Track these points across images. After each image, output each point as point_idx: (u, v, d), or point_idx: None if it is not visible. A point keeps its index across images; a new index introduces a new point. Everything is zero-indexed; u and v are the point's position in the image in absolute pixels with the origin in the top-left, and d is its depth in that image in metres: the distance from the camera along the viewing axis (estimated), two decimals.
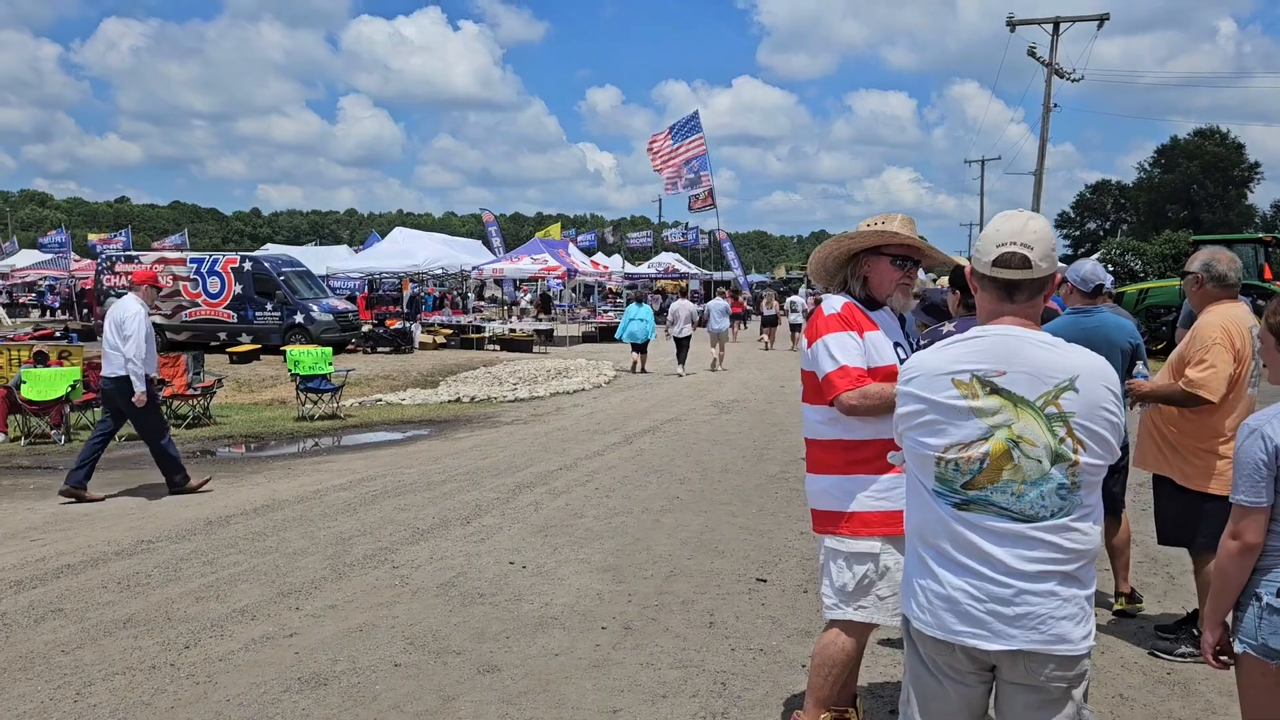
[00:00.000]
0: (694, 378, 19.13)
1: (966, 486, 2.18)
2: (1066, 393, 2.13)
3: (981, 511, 2.17)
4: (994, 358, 2.18)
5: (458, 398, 15.79)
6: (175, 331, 23.87)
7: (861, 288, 3.31)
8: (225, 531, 6.96)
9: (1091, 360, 2.19)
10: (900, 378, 2.34)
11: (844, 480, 3.20)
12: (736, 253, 47.83)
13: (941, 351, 2.26)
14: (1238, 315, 4.36)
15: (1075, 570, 2.15)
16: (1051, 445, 2.12)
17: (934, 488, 2.24)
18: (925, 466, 2.25)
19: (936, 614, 2.21)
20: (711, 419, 13.07)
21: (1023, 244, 2.21)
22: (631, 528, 7.06)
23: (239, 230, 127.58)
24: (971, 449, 2.16)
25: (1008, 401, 2.15)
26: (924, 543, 2.27)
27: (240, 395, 16.90)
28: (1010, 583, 2.13)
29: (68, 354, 12.85)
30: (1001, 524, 2.15)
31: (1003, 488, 2.15)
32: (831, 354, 3.13)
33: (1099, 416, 2.14)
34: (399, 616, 5.13)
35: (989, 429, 2.15)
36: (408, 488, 8.53)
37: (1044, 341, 2.20)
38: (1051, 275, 2.24)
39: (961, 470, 2.17)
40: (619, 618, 5.11)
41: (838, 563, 3.22)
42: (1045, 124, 29.49)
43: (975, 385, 2.18)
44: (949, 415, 2.19)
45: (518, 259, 29.90)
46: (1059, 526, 2.13)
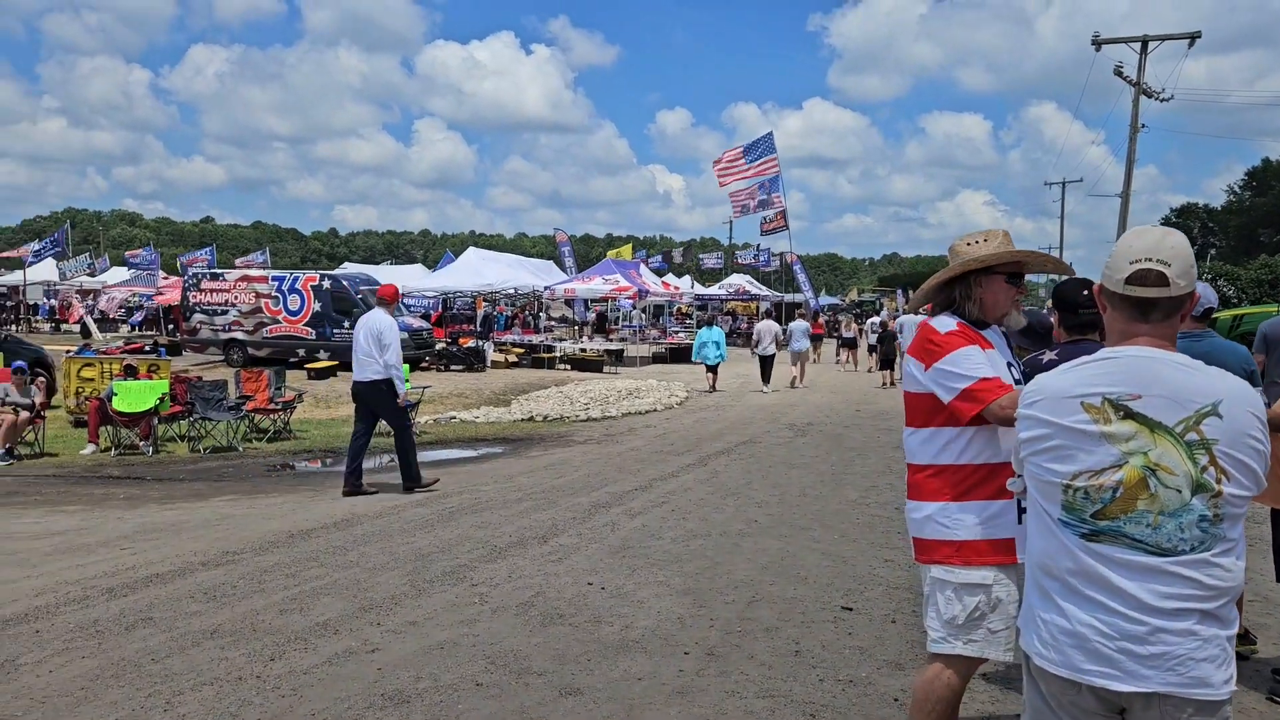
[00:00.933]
0: (767, 400, 18.95)
1: (1097, 516, 2.05)
2: (1209, 418, 1.99)
3: (1113, 543, 2.03)
4: (1128, 380, 2.06)
5: (530, 416, 15.85)
6: (256, 347, 24.44)
7: (974, 306, 3.17)
8: (307, 545, 7.03)
9: (1235, 384, 2.05)
10: (1022, 400, 2.22)
11: (952, 507, 3.06)
12: (808, 275, 47.46)
13: (1069, 373, 2.14)
14: None
15: (1217, 609, 2.00)
16: (1192, 474, 1.98)
17: (1060, 517, 2.11)
18: (1051, 494, 2.13)
19: (1062, 651, 2.08)
20: (787, 442, 12.89)
21: (1159, 260, 2.08)
22: (710, 551, 6.95)
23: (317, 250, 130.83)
24: (1103, 477, 2.03)
25: (1143, 427, 2.02)
26: (1048, 574, 2.14)
27: (318, 410, 17.20)
28: (1145, 620, 1.99)
29: (156, 368, 13.22)
30: (1135, 557, 2.02)
31: (1137, 518, 2.01)
32: (966, 369, 2.99)
33: (1244, 444, 2.00)
34: (479, 635, 5.09)
35: (1122, 456, 2.02)
36: (484, 505, 8.54)
37: (1182, 363, 2.06)
38: (1189, 294, 2.10)
39: (1091, 499, 2.05)
40: (701, 643, 5.01)
41: (946, 594, 3.07)
42: (1132, 145, 28.71)
43: (1107, 409, 2.05)
44: (1078, 441, 2.06)
45: (589, 279, 30.07)
46: (1199, 561, 1.99)
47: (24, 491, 9.38)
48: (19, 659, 4.68)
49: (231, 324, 24.72)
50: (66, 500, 8.88)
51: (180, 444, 12.27)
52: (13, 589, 5.90)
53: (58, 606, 5.51)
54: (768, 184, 38.98)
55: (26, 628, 5.14)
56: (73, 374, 13.68)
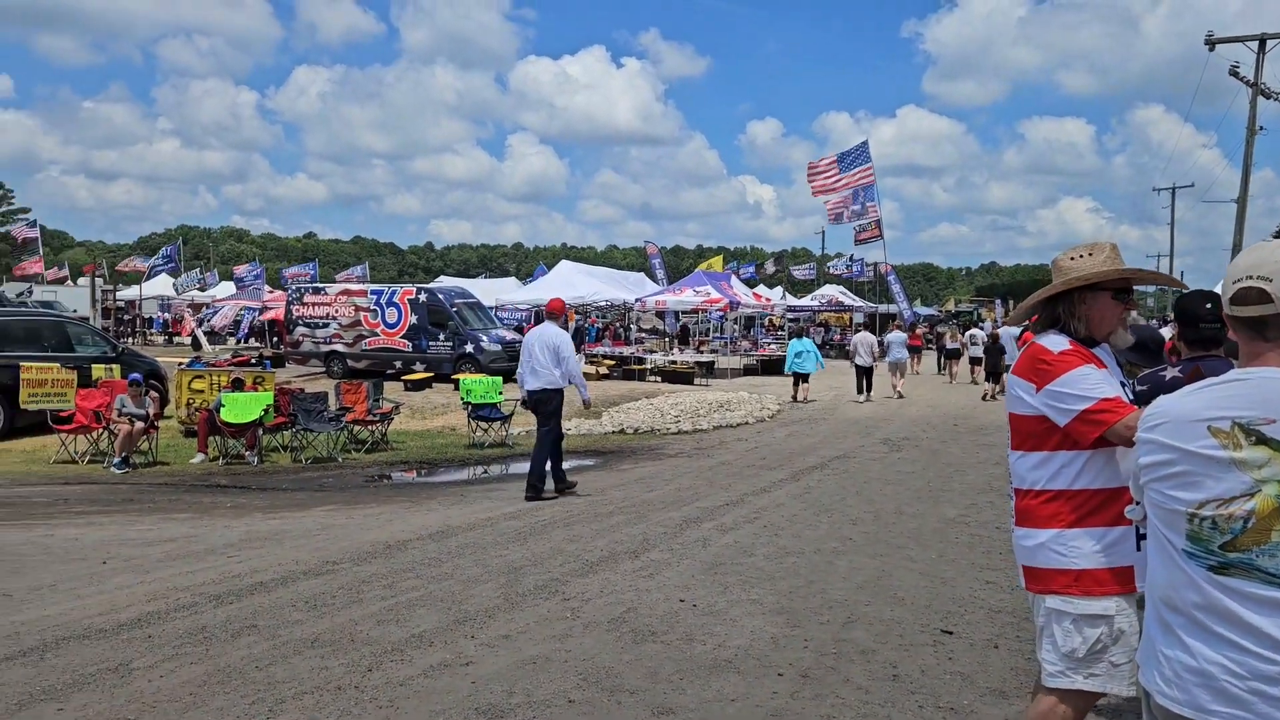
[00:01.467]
0: (861, 413, 18.64)
1: (1226, 548, 1.91)
2: None
3: (1244, 577, 1.89)
4: (1261, 404, 1.91)
5: (621, 429, 15.90)
6: (355, 359, 25.11)
7: (1080, 324, 3.04)
8: (403, 556, 7.15)
9: None
10: (1143, 423, 2.10)
11: (1069, 534, 2.91)
12: (902, 285, 46.60)
13: (1195, 395, 2.01)
14: None
15: None
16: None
17: (1185, 547, 1.98)
18: (1174, 523, 2.00)
19: (1187, 689, 1.95)
20: (881, 457, 12.63)
21: (1260, 277, 1.96)
22: (804, 569, 6.83)
23: (413, 263, 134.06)
24: (1233, 506, 1.90)
25: (1278, 453, 1.89)
26: (1171, 608, 2.01)
27: (414, 422, 17.56)
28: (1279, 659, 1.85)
29: (261, 380, 13.68)
30: (1269, 592, 1.87)
31: (1272, 550, 1.87)
32: (1083, 389, 2.83)
33: None
34: (571, 650, 5.09)
35: (1254, 484, 1.89)
36: (575, 518, 8.57)
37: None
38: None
39: (1220, 529, 1.91)
40: (796, 664, 4.91)
41: (1064, 625, 2.92)
42: (1249, 148, 27.40)
43: (1238, 434, 1.91)
44: (1205, 467, 1.93)
45: (680, 291, 30.06)
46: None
47: (139, 499, 9.80)
48: (133, 663, 4.86)
49: (332, 336, 25.46)
50: (177, 508, 9.24)
51: (283, 454, 12.67)
52: (128, 594, 6.15)
53: (169, 612, 5.71)
54: (862, 193, 38.49)
55: (140, 632, 5.34)
56: (184, 386, 14.27)
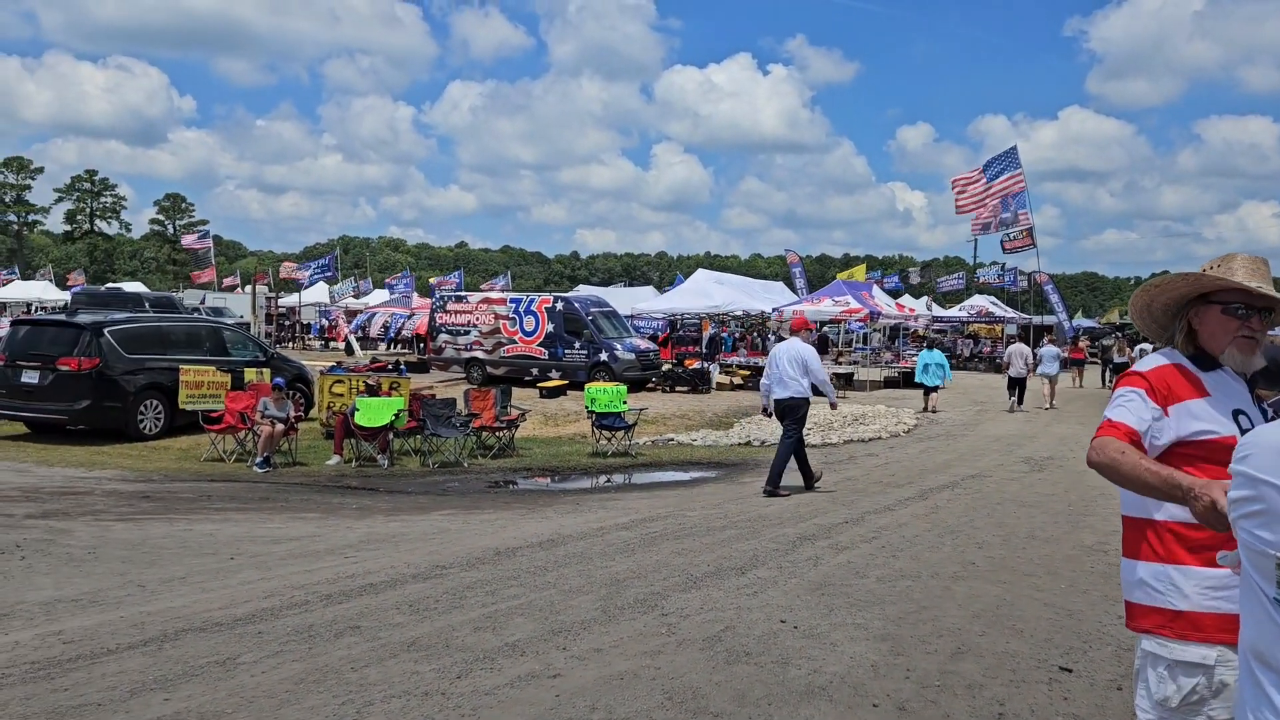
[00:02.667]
0: (1004, 430, 17.83)
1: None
2: None
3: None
4: None
5: (748, 440, 15.68)
6: (494, 366, 25.73)
7: (1188, 342, 2.76)
8: (510, 563, 7.22)
9: None
10: (1236, 454, 1.85)
11: (1170, 570, 2.63)
12: (1060, 295, 44.41)
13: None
14: None
15: None
16: None
17: (1275, 595, 1.73)
18: (1264, 568, 1.74)
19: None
20: (1020, 477, 12.00)
21: None
22: (918, 594, 6.51)
23: (559, 272, 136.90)
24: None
25: None
26: (1262, 663, 1.75)
27: (545, 429, 17.83)
28: None
29: (397, 385, 14.15)
30: None
31: None
32: (1109, 407, 2.68)
33: None
34: (661, 668, 4.99)
35: None
36: (687, 531, 8.47)
37: None
38: None
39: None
40: (893, 696, 4.66)
41: (1158, 670, 2.64)
42: None
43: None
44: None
45: (818, 301, 29.51)
46: None
47: (273, 498, 10.27)
48: (240, 657, 5.05)
49: (472, 343, 26.17)
50: (307, 508, 9.63)
51: (413, 458, 13.06)
52: (249, 590, 6.42)
53: (281, 609, 5.92)
54: (1012, 200, 36.93)
55: (252, 628, 5.55)
56: (325, 390, 14.93)
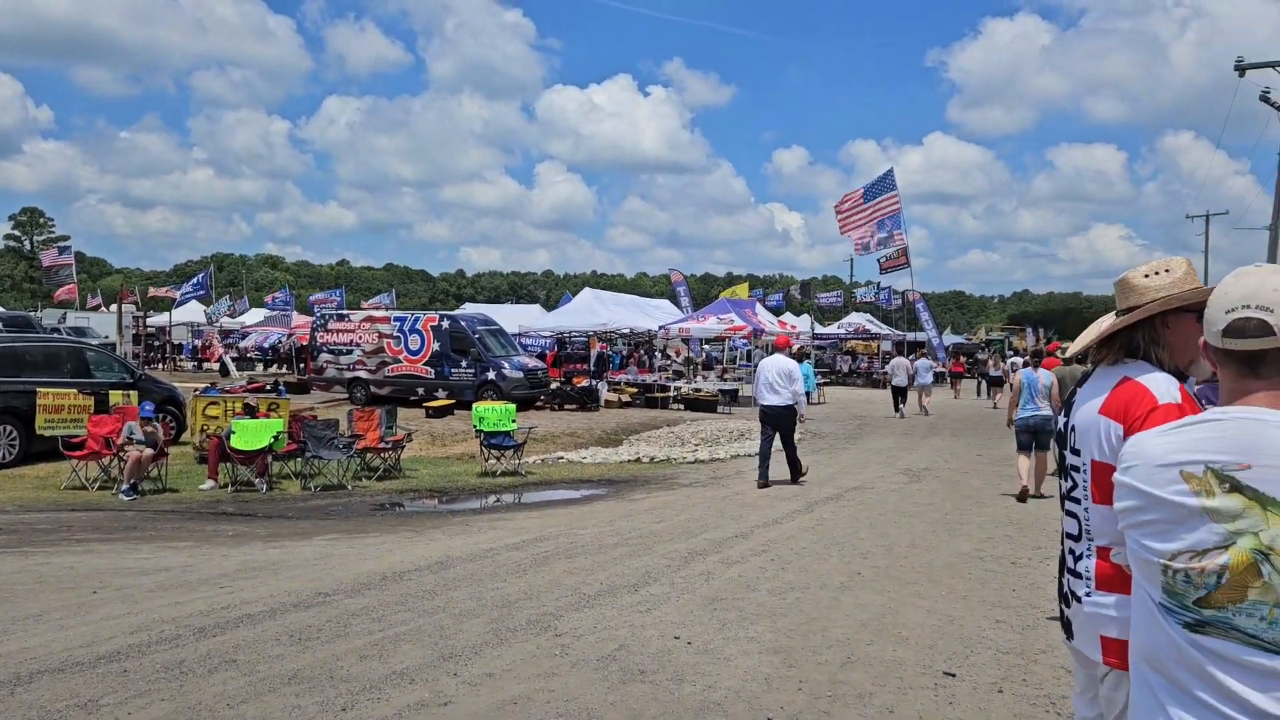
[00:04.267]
0: (884, 443, 18.34)
1: (1201, 604, 1.70)
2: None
3: (1221, 636, 1.68)
4: (1235, 447, 1.72)
5: (638, 457, 15.71)
6: (379, 386, 25.13)
7: (1167, 354, 2.69)
8: (398, 587, 7.01)
9: None
10: (1119, 464, 1.90)
11: None
12: (931, 313, 46.11)
13: (1167, 436, 1.82)
14: None
15: None
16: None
17: (1161, 601, 1.77)
18: (1150, 574, 1.79)
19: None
20: (900, 487, 12.35)
21: (1259, 306, 1.76)
22: (807, 605, 6.60)
23: (444, 290, 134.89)
24: (1205, 559, 1.69)
25: (1253, 503, 1.67)
26: (1152, 669, 1.79)
27: (433, 449, 17.48)
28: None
29: (276, 406, 13.66)
30: (1250, 656, 1.66)
31: (1249, 609, 1.66)
32: None
33: None
34: (555, 690, 4.91)
35: (1228, 535, 1.68)
36: (579, 550, 8.39)
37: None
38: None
39: (1194, 584, 1.70)
40: (787, 708, 4.69)
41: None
42: None
43: (1210, 480, 1.71)
44: (1176, 515, 1.73)
45: (704, 319, 29.89)
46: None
47: (141, 527, 9.74)
48: (102, 699, 4.73)
49: (356, 363, 25.51)
50: (178, 536, 9.16)
51: (294, 482, 12.60)
52: (113, 625, 6.04)
53: (149, 645, 5.59)
54: (889, 220, 38.21)
55: (116, 666, 5.22)
56: (199, 412, 14.28)
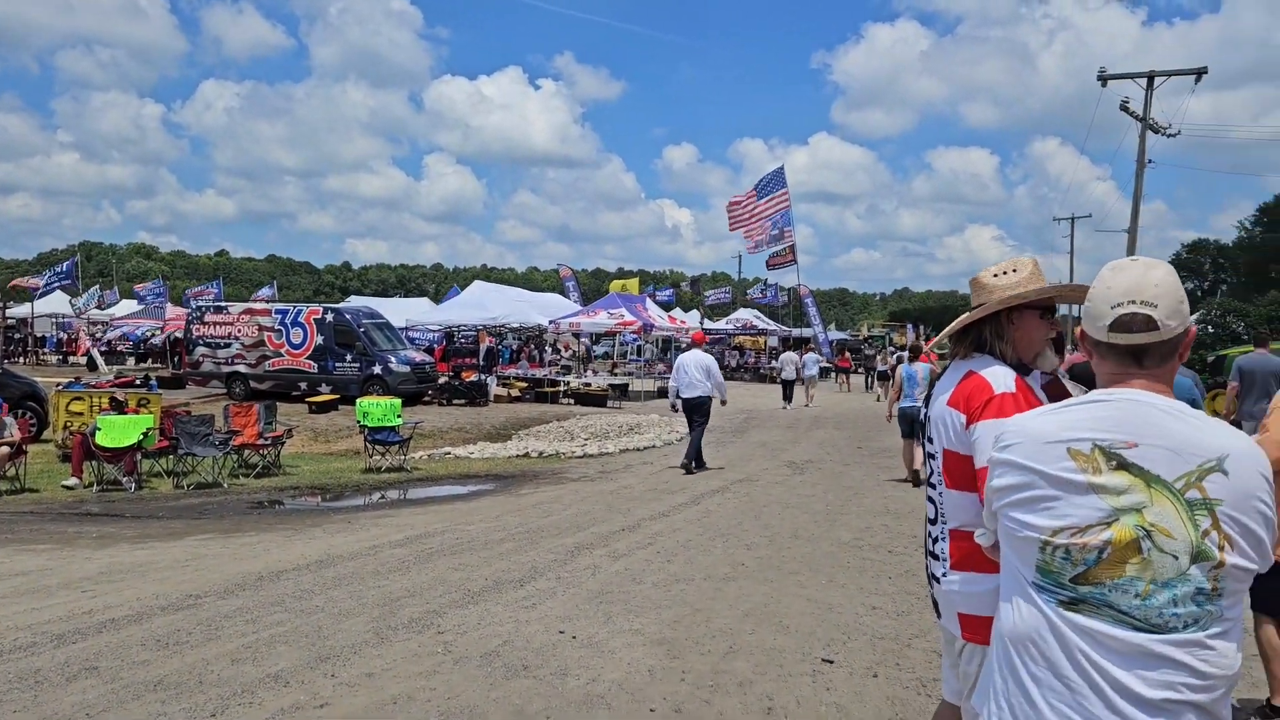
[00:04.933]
0: (769, 437, 18.69)
1: (1078, 581, 1.75)
2: (1213, 474, 1.71)
3: (1095, 614, 1.74)
4: (1122, 427, 1.78)
5: (526, 452, 15.62)
6: (259, 380, 24.31)
7: (1010, 349, 2.82)
8: (274, 588, 6.79)
9: (1242, 440, 1.78)
10: (997, 442, 1.93)
11: None
12: (818, 309, 47.23)
13: (1055, 415, 1.87)
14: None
15: (1210, 702, 1.69)
16: (1192, 539, 1.70)
17: (1035, 579, 1.81)
18: (1026, 552, 1.83)
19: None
20: (784, 480, 12.61)
21: (1144, 301, 1.82)
22: (691, 597, 6.68)
23: (330, 283, 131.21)
24: (1088, 535, 1.74)
25: (1139, 480, 1.74)
26: (1018, 649, 1.83)
27: (315, 445, 17.03)
28: (1129, 712, 1.68)
29: (146, 401, 13.06)
30: (1121, 632, 1.72)
31: (1125, 586, 1.72)
32: None
33: (1251, 508, 1.72)
34: (436, 688, 4.84)
35: (1113, 512, 1.74)
36: (465, 546, 8.30)
37: (1183, 412, 1.79)
38: (1185, 331, 1.84)
39: (1073, 560, 1.75)
40: (670, 699, 4.74)
41: None
42: (1139, 180, 28.44)
43: (1098, 457, 1.76)
44: (1063, 491, 1.78)
45: (594, 313, 29.89)
46: (1192, 642, 1.69)
47: None
48: None
49: (234, 357, 24.62)
50: (37, 538, 8.67)
51: (165, 480, 12.07)
52: None
53: (2, 654, 5.28)
54: (779, 218, 38.91)
55: None
56: (61, 408, 13.55)
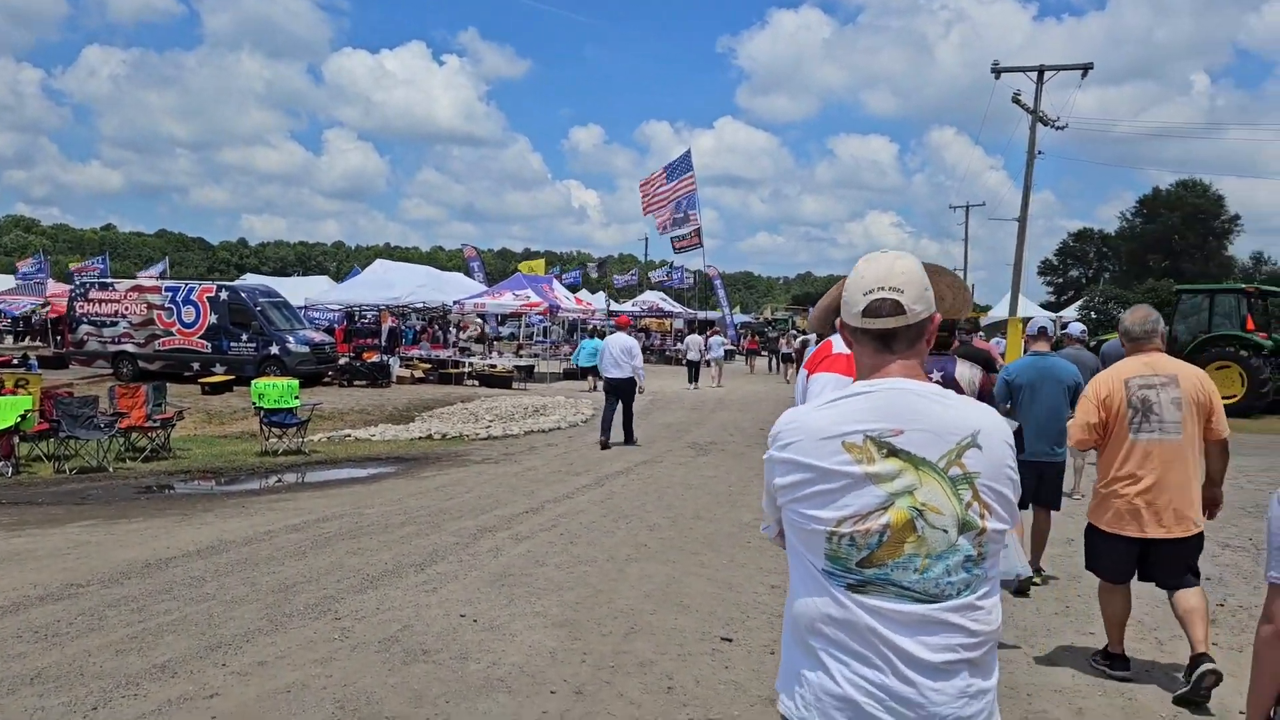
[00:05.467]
0: (674, 419, 18.82)
1: (863, 564, 1.86)
2: (970, 450, 1.87)
3: (880, 593, 1.86)
4: (888, 415, 1.90)
5: (429, 434, 15.41)
6: (148, 360, 23.41)
7: None
8: (162, 575, 6.56)
9: (988, 414, 1.96)
10: (775, 442, 2.01)
11: None
12: (725, 292, 47.70)
13: (824, 410, 1.96)
14: (1122, 367, 4.82)
15: (981, 657, 1.87)
16: (958, 512, 1.85)
17: (824, 567, 1.91)
18: (813, 543, 1.92)
19: (829, 715, 1.88)
20: (687, 461, 12.74)
21: (891, 288, 1.95)
22: (594, 578, 6.70)
23: (225, 260, 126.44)
24: (869, 521, 1.85)
25: (908, 464, 1.87)
26: (812, 631, 1.94)
27: (209, 427, 16.50)
28: (915, 678, 1.83)
29: (25, 382, 12.44)
30: (904, 606, 1.85)
31: (905, 563, 1.85)
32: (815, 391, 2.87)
33: (1003, 475, 1.90)
34: (333, 675, 4.75)
35: (888, 497, 1.86)
36: (364, 530, 8.15)
37: (937, 395, 1.94)
38: (929, 318, 1.97)
39: (858, 546, 1.86)
40: (570, 680, 4.75)
41: None
42: (1029, 170, 29.46)
43: (870, 448, 1.87)
44: (842, 483, 1.88)
45: (500, 294, 29.59)
46: (964, 606, 1.85)
47: None
48: None
49: (121, 336, 23.64)
50: None
51: (45, 464, 11.52)
52: None
53: None
54: (685, 201, 39.11)
55: None
56: None
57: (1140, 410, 4.65)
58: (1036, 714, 4.48)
